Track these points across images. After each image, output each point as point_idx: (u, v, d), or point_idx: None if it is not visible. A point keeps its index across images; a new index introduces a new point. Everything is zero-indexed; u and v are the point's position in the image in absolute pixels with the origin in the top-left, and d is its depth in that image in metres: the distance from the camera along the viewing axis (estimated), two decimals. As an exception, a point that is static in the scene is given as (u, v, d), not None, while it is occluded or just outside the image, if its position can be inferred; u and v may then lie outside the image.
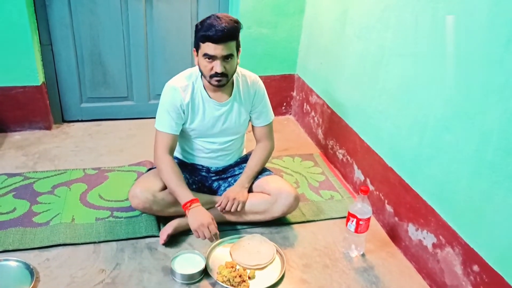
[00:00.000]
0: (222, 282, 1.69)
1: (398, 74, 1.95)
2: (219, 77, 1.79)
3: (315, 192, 2.34)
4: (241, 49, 1.85)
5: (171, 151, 1.92)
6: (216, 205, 1.95)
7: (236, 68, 1.86)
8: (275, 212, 1.97)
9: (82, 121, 2.96)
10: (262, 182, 2.02)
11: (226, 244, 1.91)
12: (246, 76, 1.98)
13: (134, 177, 2.35)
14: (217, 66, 1.75)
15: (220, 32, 1.69)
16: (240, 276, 1.71)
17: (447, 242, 1.67)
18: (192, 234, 1.94)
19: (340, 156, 2.52)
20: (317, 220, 2.13)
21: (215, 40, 1.70)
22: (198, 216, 1.76)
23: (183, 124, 1.94)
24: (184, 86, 1.89)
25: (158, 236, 1.92)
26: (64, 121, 2.94)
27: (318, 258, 1.91)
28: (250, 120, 2.06)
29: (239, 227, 2.03)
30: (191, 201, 1.80)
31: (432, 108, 1.73)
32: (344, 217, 2.10)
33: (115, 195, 2.19)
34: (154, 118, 3.02)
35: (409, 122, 1.88)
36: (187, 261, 1.77)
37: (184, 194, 1.82)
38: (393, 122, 1.99)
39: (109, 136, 2.83)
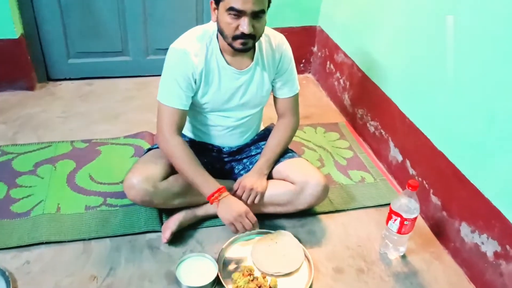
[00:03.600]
0: (237, 295, 1.40)
1: (463, 34, 1.53)
2: (246, 39, 1.41)
3: (342, 172, 2.00)
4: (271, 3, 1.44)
5: (180, 130, 1.56)
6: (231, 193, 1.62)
7: (264, 28, 1.47)
8: (300, 204, 1.64)
9: (70, 79, 2.57)
10: (284, 167, 1.67)
11: (244, 241, 1.61)
12: (270, 36, 1.58)
13: (131, 152, 2.00)
14: (245, 25, 1.36)
15: None
16: (259, 287, 1.42)
17: (517, 254, 1.36)
18: (200, 228, 1.66)
19: (372, 129, 2.16)
20: (348, 210, 1.81)
21: None
22: (232, 206, 1.50)
23: (193, 96, 1.56)
24: (196, 49, 1.49)
25: (160, 231, 1.61)
26: (49, 79, 2.55)
27: (351, 260, 1.60)
28: (272, 90, 1.68)
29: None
30: (219, 191, 1.50)
31: (508, 88, 1.35)
32: (379, 205, 1.85)
33: (109, 176, 1.85)
34: (154, 76, 2.72)
35: (475, 101, 1.49)
36: (195, 268, 1.46)
37: (207, 183, 1.51)
38: (452, 98, 1.60)
39: (103, 98, 2.45)
